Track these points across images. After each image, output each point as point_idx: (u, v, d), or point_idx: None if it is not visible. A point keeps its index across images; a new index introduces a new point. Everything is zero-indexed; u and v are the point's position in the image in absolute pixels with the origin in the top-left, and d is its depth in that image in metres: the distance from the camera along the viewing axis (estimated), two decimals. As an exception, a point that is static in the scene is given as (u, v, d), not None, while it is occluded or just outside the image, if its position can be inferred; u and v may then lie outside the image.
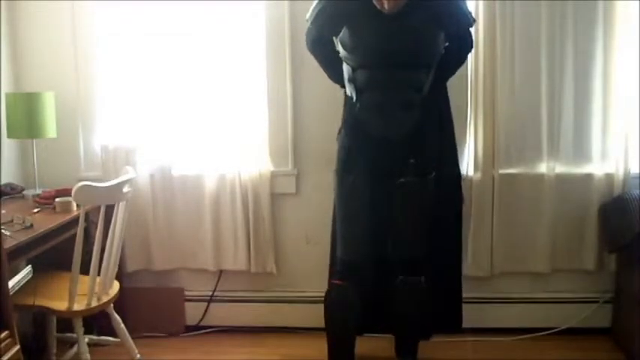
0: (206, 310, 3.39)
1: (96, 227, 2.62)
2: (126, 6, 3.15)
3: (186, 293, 3.40)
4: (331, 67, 2.78)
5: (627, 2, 3.01)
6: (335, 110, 2.86)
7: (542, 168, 3.15)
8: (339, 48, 2.63)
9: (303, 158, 3.29)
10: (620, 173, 3.10)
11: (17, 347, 2.15)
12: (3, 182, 3.03)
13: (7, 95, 3.04)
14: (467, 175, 3.15)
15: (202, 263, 3.33)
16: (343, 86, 2.78)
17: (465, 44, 2.78)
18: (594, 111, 3.12)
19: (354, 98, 2.65)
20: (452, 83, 2.88)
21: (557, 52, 3.07)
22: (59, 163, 3.27)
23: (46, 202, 2.87)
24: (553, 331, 3.23)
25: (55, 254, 2.69)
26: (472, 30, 2.81)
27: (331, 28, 2.63)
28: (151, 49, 3.18)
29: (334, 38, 2.66)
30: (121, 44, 3.18)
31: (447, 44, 2.65)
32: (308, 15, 2.71)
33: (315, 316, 2.92)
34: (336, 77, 2.79)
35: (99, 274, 2.63)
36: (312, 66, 2.86)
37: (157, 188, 3.27)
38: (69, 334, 2.90)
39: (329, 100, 2.96)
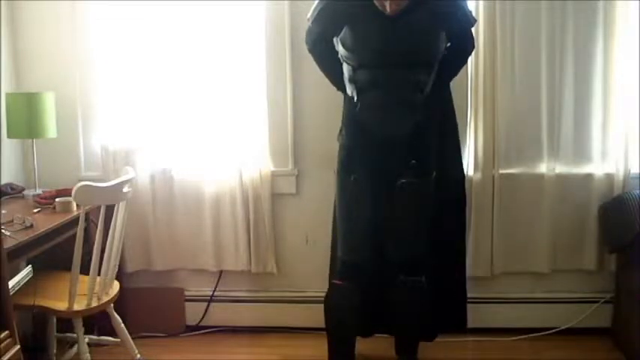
0: (206, 310, 3.39)
1: (96, 227, 2.62)
2: (126, 6, 3.15)
3: (186, 293, 3.40)
4: (331, 69, 2.76)
5: (627, 2, 3.01)
6: (335, 110, 2.86)
7: (542, 168, 3.15)
8: (340, 48, 2.62)
9: (304, 158, 3.29)
10: (620, 173, 3.10)
11: (17, 347, 2.14)
12: (3, 182, 3.03)
13: (7, 95, 3.04)
14: (467, 175, 3.14)
15: (202, 263, 3.33)
16: (341, 90, 2.78)
17: (466, 44, 2.78)
18: (594, 111, 3.12)
19: (355, 98, 2.65)
20: (452, 83, 2.87)
21: (557, 52, 3.07)
22: (59, 163, 3.27)
23: (46, 202, 2.87)
24: (553, 331, 3.23)
25: (55, 254, 2.69)
26: (473, 30, 2.81)
27: (332, 27, 2.63)
28: (151, 49, 3.18)
29: (335, 39, 2.65)
30: (120, 44, 3.18)
31: (448, 44, 2.64)
32: (309, 14, 2.71)
33: (315, 316, 2.92)
34: (336, 81, 2.78)
35: (99, 274, 2.62)
36: (312, 66, 2.85)
37: (157, 188, 3.27)
38: (69, 334, 2.90)
39: (329, 100, 2.95)
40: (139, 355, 2.87)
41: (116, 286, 2.79)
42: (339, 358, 2.82)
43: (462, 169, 3.00)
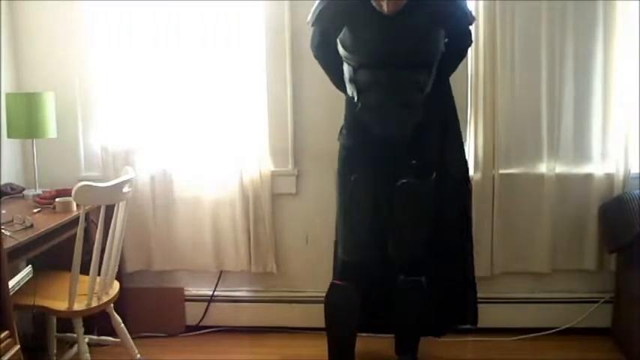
0: (206, 310, 3.39)
1: (96, 227, 2.62)
2: (126, 7, 3.15)
3: (186, 293, 3.40)
4: (336, 72, 2.75)
5: (627, 2, 3.01)
6: (335, 110, 2.85)
7: (542, 168, 3.15)
8: (340, 48, 2.62)
9: (304, 158, 3.29)
10: (620, 173, 3.10)
11: (17, 347, 2.14)
12: (3, 182, 3.03)
13: (7, 95, 3.04)
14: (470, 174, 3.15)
15: (202, 263, 3.33)
16: (346, 93, 2.78)
17: (464, 43, 2.78)
18: (594, 111, 3.12)
19: (355, 98, 2.65)
20: (452, 83, 2.87)
21: (557, 52, 3.07)
22: (59, 163, 3.27)
23: (46, 202, 2.87)
24: (553, 331, 3.23)
25: (55, 254, 2.69)
26: (472, 29, 2.81)
27: (333, 27, 2.62)
28: (151, 50, 3.17)
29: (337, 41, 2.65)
30: (120, 44, 3.17)
31: (446, 40, 2.63)
32: (309, 18, 2.70)
33: (315, 316, 2.92)
34: (342, 85, 2.77)
35: (99, 274, 2.63)
36: (313, 66, 2.86)
37: (157, 188, 3.27)
38: (69, 334, 2.90)
39: (329, 100, 2.95)
40: (139, 355, 2.88)
41: (116, 286, 2.79)
42: (339, 358, 2.81)
43: (466, 168, 2.99)
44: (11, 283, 2.46)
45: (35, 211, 2.79)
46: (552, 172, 3.14)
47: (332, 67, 2.76)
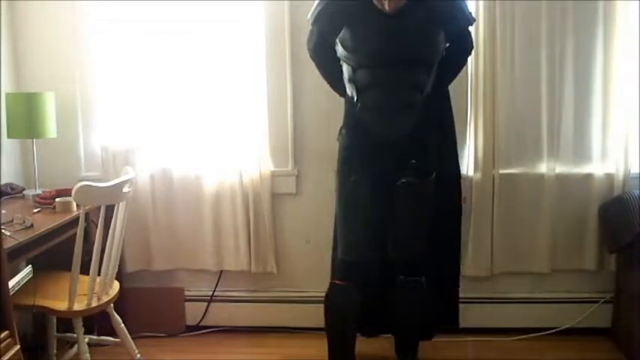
0: (206, 310, 3.39)
1: (96, 227, 2.62)
2: (126, 6, 3.15)
3: (186, 293, 3.41)
4: (331, 72, 2.76)
5: (627, 2, 3.01)
6: (335, 110, 2.86)
7: (542, 168, 3.15)
8: (339, 48, 2.62)
9: (304, 158, 3.29)
10: (620, 173, 3.10)
11: (17, 347, 2.14)
12: (3, 182, 3.03)
13: (7, 95, 3.04)
14: (467, 175, 3.15)
15: (202, 263, 3.33)
16: (342, 95, 2.78)
17: (464, 45, 2.78)
18: (594, 111, 3.12)
19: (355, 98, 2.65)
20: (452, 83, 2.87)
21: (557, 52, 3.07)
22: (59, 163, 3.27)
23: (46, 202, 2.87)
24: (553, 331, 3.23)
25: (55, 254, 2.69)
26: (472, 30, 2.81)
27: (332, 27, 2.62)
28: (151, 49, 3.18)
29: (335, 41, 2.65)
30: (121, 44, 3.18)
31: (447, 45, 2.64)
32: (309, 16, 2.70)
33: (315, 316, 2.92)
34: (336, 87, 2.78)
35: (99, 274, 2.63)
36: (312, 66, 2.86)
37: (157, 188, 3.27)
38: (69, 334, 2.90)
39: (329, 100, 2.96)
40: (139, 355, 2.88)
41: (116, 286, 2.80)
42: (340, 358, 2.81)
43: (459, 169, 2.99)
44: (11, 283, 2.46)
45: (35, 211, 2.79)
46: (552, 172, 3.14)
47: (328, 67, 2.77)
